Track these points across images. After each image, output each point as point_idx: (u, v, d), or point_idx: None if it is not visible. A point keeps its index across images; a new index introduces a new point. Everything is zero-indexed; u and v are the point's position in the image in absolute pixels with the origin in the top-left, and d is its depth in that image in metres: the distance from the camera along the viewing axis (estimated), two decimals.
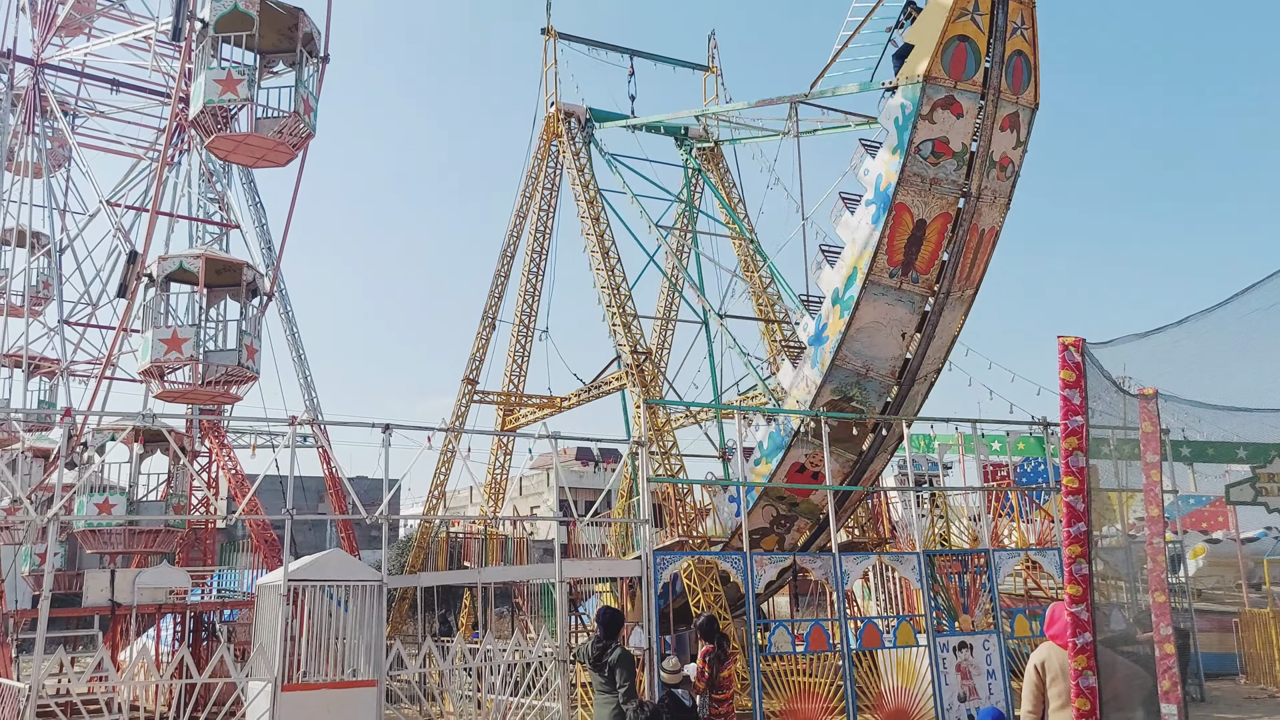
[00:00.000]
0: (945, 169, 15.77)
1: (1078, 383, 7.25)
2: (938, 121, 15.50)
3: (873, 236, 16.15)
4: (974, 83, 15.44)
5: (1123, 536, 10.20)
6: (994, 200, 16.24)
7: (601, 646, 9.82)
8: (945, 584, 16.31)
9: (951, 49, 15.26)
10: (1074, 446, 7.18)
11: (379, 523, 13.69)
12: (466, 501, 49.77)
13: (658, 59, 28.76)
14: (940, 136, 15.62)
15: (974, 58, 15.40)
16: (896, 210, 15.83)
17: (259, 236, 30.39)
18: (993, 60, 15.32)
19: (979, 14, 15.18)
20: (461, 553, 27.25)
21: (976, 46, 15.29)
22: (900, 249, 16.20)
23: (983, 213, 16.23)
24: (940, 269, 16.42)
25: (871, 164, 16.47)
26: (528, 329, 28.62)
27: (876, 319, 16.51)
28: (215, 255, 21.03)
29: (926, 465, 26.76)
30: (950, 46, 15.23)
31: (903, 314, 16.63)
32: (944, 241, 16.30)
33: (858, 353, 16.91)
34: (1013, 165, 16.41)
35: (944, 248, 16.36)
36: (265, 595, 13.05)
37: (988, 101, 15.54)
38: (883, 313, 16.52)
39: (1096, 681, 6.94)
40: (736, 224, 27.24)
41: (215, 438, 25.61)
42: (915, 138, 15.38)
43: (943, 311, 16.80)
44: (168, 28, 22.19)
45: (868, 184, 16.51)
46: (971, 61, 15.39)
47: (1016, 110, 15.96)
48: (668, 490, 21.88)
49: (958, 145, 15.70)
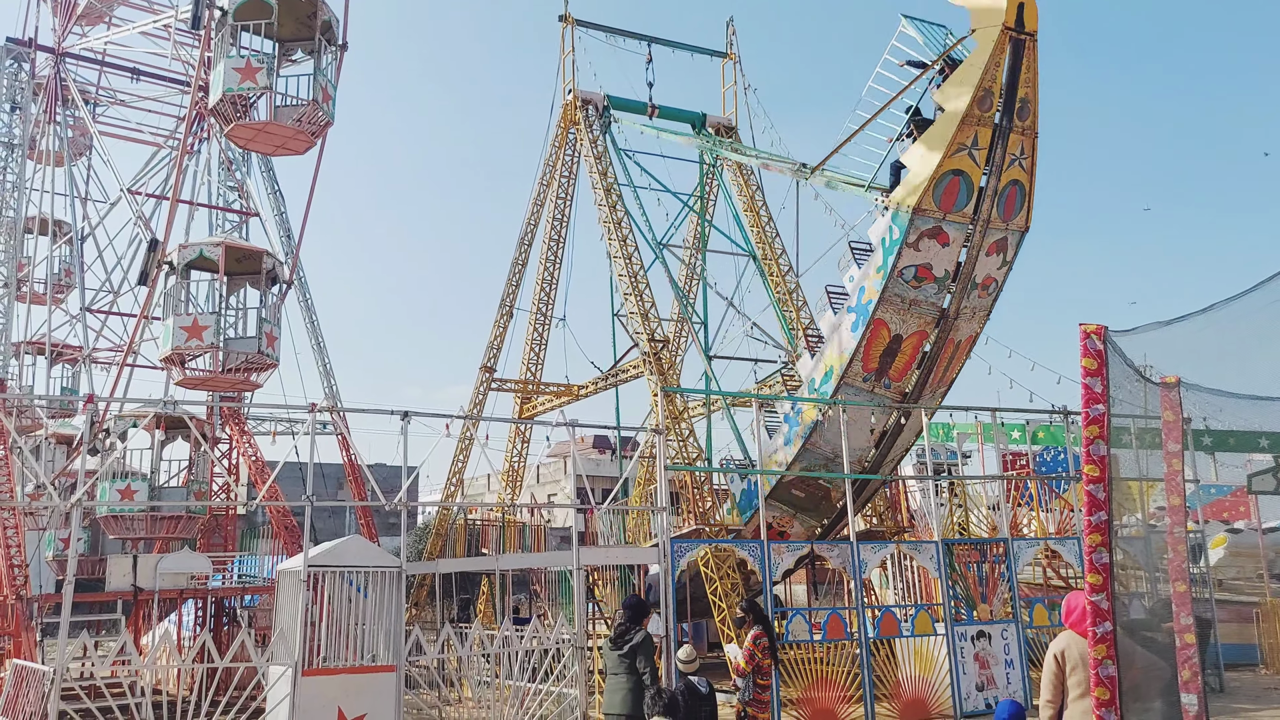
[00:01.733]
0: (926, 292, 16.04)
1: (1099, 371, 7.19)
2: (923, 250, 15.72)
3: (850, 344, 16.58)
4: (964, 214, 15.63)
5: (1143, 526, 10.15)
6: (973, 315, 16.57)
7: (624, 628, 9.92)
8: (964, 573, 16.27)
9: (945, 183, 15.34)
10: (1095, 435, 7.13)
11: (398, 510, 13.77)
12: (484, 489, 49.98)
13: (676, 45, 28.65)
14: (924, 263, 15.86)
15: (966, 191, 15.53)
16: (875, 324, 16.18)
17: (278, 224, 30.52)
18: (986, 193, 15.39)
19: (977, 149, 15.24)
20: (479, 540, 27.39)
21: (970, 181, 15.37)
22: (875, 358, 16.61)
23: (960, 327, 16.57)
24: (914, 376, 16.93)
25: (856, 274, 16.78)
26: (545, 317, 28.67)
27: (849, 416, 16.81)
28: (235, 243, 21.11)
29: (945, 454, 26.67)
30: (944, 180, 15.30)
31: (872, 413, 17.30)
32: (919, 354, 16.72)
33: (829, 440, 17.44)
34: (996, 283, 16.68)
35: (918, 360, 16.79)
36: (285, 581, 13.15)
37: (976, 231, 15.71)
38: (853, 411, 16.94)
39: (1116, 671, 6.90)
40: (746, 242, 27.10)
41: (236, 424, 25.75)
42: (899, 263, 15.58)
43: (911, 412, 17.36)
44: (187, 16, 22.24)
45: (851, 290, 16.81)
46: (963, 195, 15.54)
47: (1005, 235, 16.13)
48: (685, 478, 21.91)
49: (940, 271, 15.94)
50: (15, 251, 25.75)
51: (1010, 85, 15.04)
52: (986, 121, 15.19)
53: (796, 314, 25.89)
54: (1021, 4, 14.71)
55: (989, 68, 14.83)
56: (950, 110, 15.12)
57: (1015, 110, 15.24)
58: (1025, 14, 14.84)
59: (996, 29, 14.73)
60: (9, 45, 26.71)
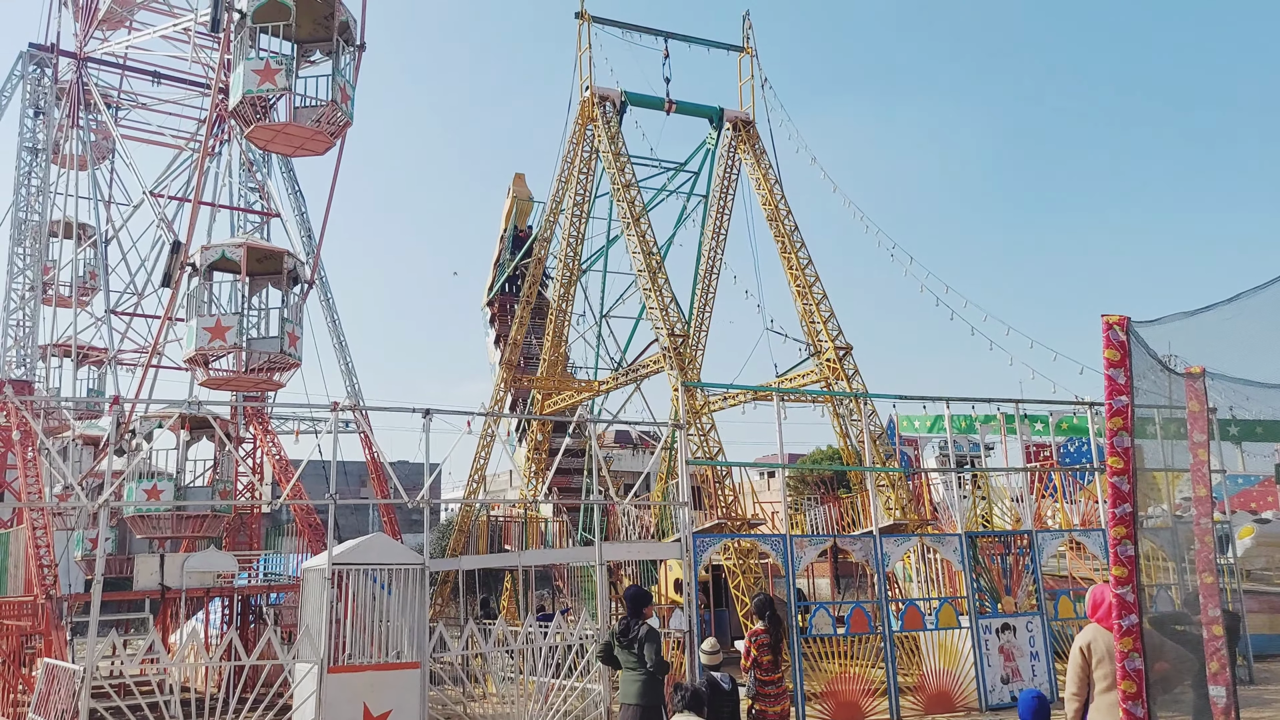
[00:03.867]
0: None
1: (1122, 362, 7.12)
2: None
3: None
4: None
5: (1169, 517, 10.06)
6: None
7: (627, 623, 9.96)
8: (987, 565, 16.17)
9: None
10: (1119, 427, 7.06)
11: (420, 507, 13.83)
12: (506, 485, 50.11)
13: (692, 40, 28.58)
14: None
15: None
16: None
17: (299, 224, 30.69)
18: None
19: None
20: (502, 536, 27.48)
21: None
22: None
23: None
24: None
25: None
26: (565, 313, 28.71)
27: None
28: (257, 244, 21.25)
29: (968, 446, 26.50)
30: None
31: None
32: None
33: None
34: None
35: None
36: (310, 579, 13.23)
37: None
38: None
39: (1143, 664, 6.85)
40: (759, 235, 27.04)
41: (259, 424, 25.94)
42: None
43: None
44: (206, 19, 22.34)
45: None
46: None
47: None
48: (706, 473, 21.90)
49: None
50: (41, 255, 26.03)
51: None
52: None
53: (816, 306, 25.80)
54: None
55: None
56: None
57: None
58: None
59: None
60: (31, 51, 26.98)
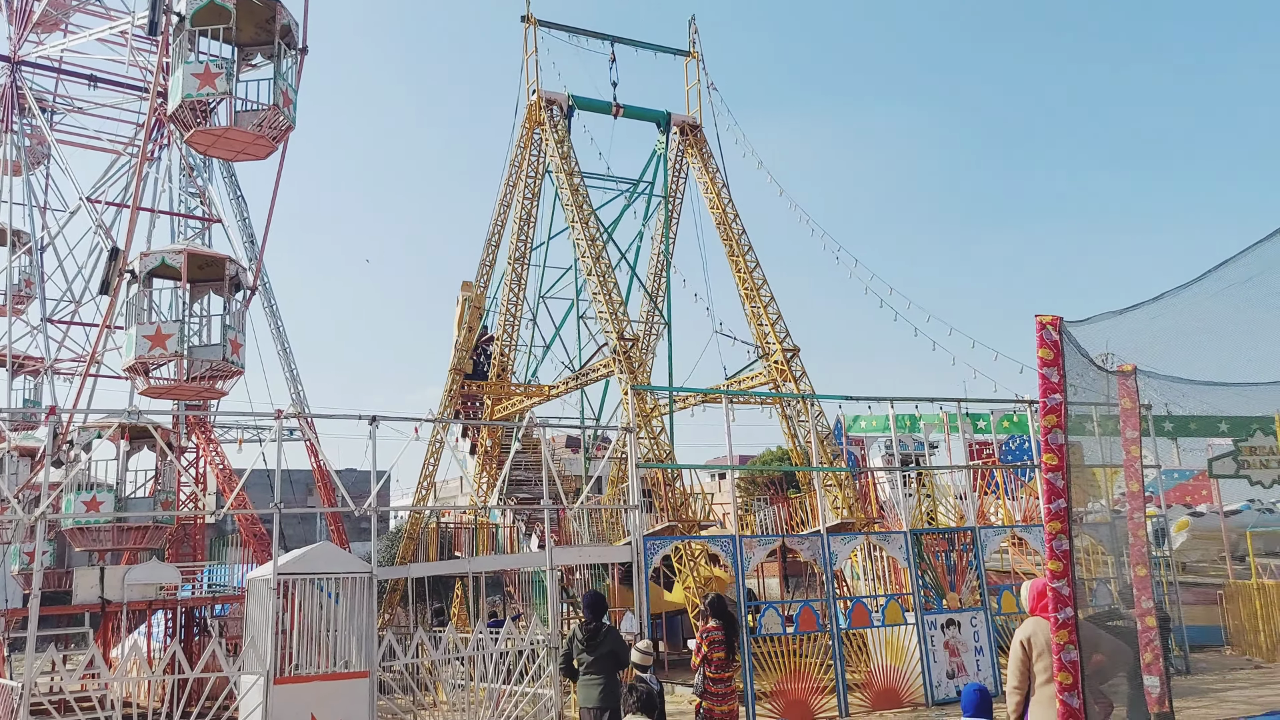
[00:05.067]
0: None
1: (1055, 361, 7.30)
2: None
3: None
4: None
5: (1107, 512, 10.30)
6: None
7: (593, 628, 10.01)
8: (932, 562, 16.43)
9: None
10: (1053, 424, 7.24)
11: (368, 515, 13.72)
12: (456, 491, 49.78)
13: (639, 45, 28.68)
14: None
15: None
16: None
17: (241, 230, 30.30)
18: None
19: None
20: (452, 543, 27.30)
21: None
22: None
23: None
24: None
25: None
26: (514, 317, 28.62)
27: None
28: (198, 250, 20.94)
29: (913, 445, 26.90)
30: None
31: None
32: None
33: None
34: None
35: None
36: (256, 589, 13.07)
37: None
38: None
39: (1079, 655, 7.02)
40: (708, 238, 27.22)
41: (202, 433, 25.53)
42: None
43: None
44: (144, 22, 21.99)
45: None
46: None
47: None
48: (657, 475, 21.97)
49: None
50: None
51: None
52: None
53: (764, 309, 26.01)
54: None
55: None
56: None
57: None
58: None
59: None
60: None
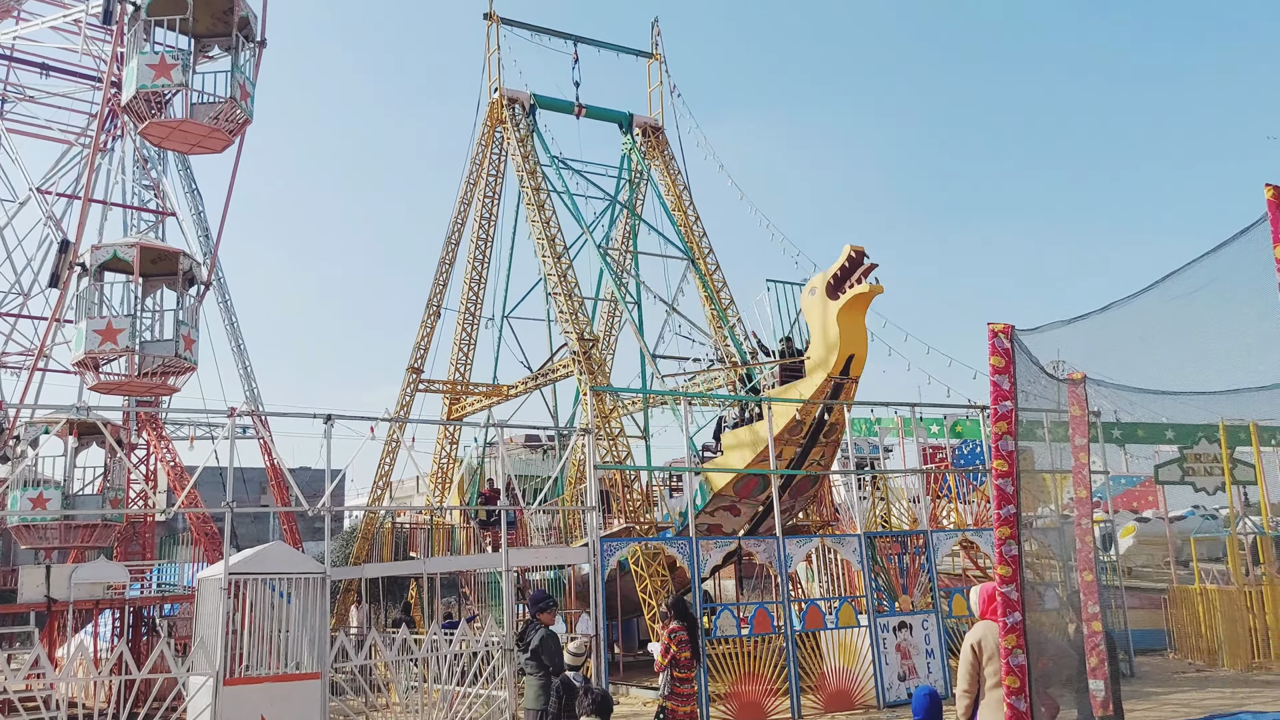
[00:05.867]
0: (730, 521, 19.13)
1: (1007, 369, 7.43)
2: (717, 516, 18.90)
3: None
4: (759, 499, 18.33)
5: (1056, 517, 10.45)
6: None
7: (523, 628, 10.09)
8: (885, 565, 16.61)
9: (745, 480, 18.15)
10: (1003, 431, 7.36)
11: (322, 515, 13.60)
12: (413, 491, 49.45)
13: (602, 45, 28.68)
14: (716, 524, 18.96)
15: (762, 486, 17.92)
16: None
17: (196, 224, 29.87)
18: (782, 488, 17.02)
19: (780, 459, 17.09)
20: (407, 543, 27.11)
21: (768, 481, 17.14)
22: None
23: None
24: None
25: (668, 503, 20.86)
26: (474, 317, 28.49)
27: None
28: (151, 244, 20.59)
29: (868, 448, 27.15)
30: (745, 479, 18.10)
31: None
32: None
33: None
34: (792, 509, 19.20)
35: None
36: (206, 589, 12.90)
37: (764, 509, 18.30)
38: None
39: (1026, 659, 7.14)
40: (671, 239, 27.31)
41: (153, 430, 25.13)
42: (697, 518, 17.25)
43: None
44: (99, 11, 21.62)
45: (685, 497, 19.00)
46: (760, 488, 18.08)
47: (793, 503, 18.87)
48: (615, 477, 21.99)
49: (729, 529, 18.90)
50: None
51: (822, 415, 17.21)
52: (795, 443, 17.42)
53: (724, 311, 26.14)
54: (852, 356, 16.65)
55: (808, 406, 17.02)
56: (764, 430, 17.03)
57: (823, 430, 17.40)
58: (853, 364, 16.79)
59: (824, 374, 16.80)
60: None
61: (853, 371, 16.84)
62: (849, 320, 16.57)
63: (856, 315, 16.67)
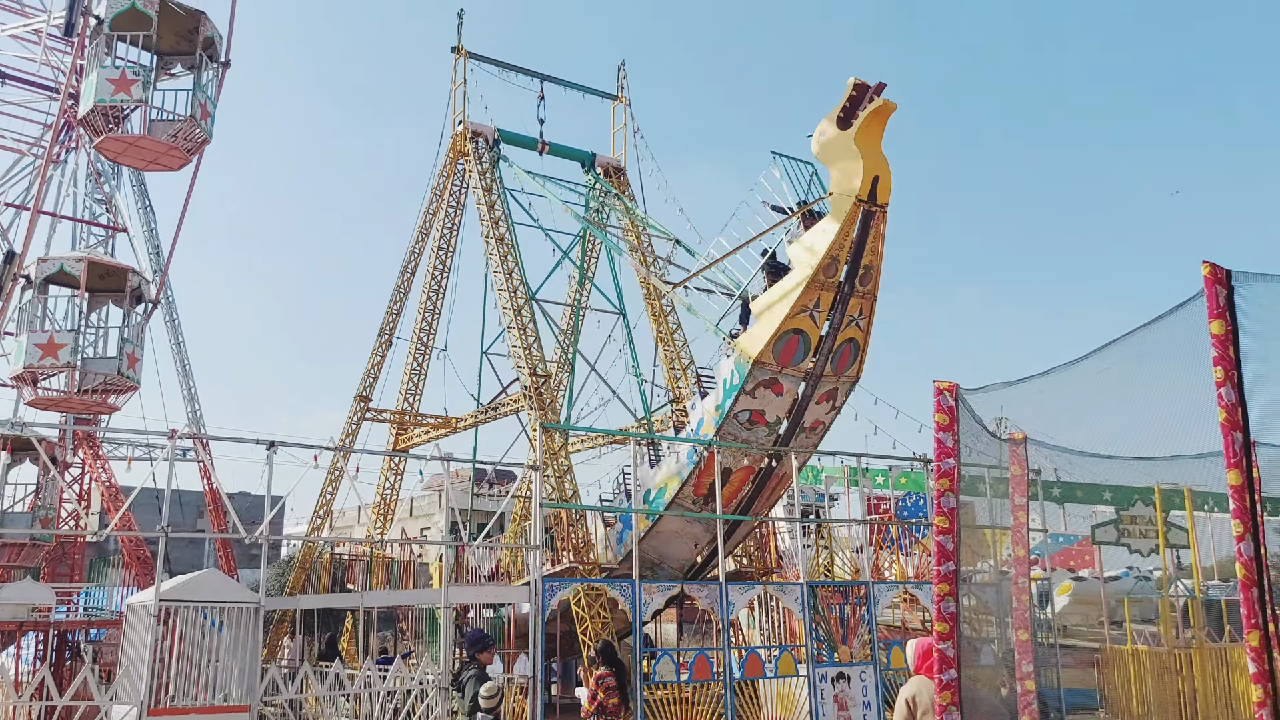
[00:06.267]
0: (757, 434, 17.18)
1: (950, 426, 7.55)
2: (759, 397, 16.78)
3: (685, 470, 17.78)
4: (800, 369, 16.67)
5: (995, 573, 10.57)
6: (800, 454, 17.56)
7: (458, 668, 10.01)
8: (826, 615, 16.64)
9: (785, 340, 16.34)
10: (945, 488, 7.47)
11: (259, 543, 13.36)
12: (354, 521, 48.72)
13: (568, 85, 28.94)
14: (758, 409, 16.94)
15: (804, 348, 16.56)
16: (709, 456, 17.03)
17: (148, 241, 29.43)
18: (821, 353, 16.39)
19: (818, 311, 16.21)
20: (346, 575, 26.66)
21: (809, 339, 16.34)
22: (705, 486, 17.56)
23: (787, 463, 17.49)
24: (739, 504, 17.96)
25: (699, 404, 17.99)
26: (426, 347, 28.32)
27: (675, 529, 18.42)
28: (99, 259, 20.28)
29: (814, 496, 27.31)
30: (784, 338, 16.29)
31: (699, 530, 18.51)
32: (745, 486, 17.83)
33: (655, 549, 18.74)
34: (823, 425, 17.84)
35: (744, 490, 17.88)
36: (135, 615, 12.59)
37: (808, 385, 16.85)
38: (681, 525, 18.44)
39: (959, 717, 7.19)
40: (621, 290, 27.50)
41: (90, 448, 24.55)
42: (735, 406, 16.51)
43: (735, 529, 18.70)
44: (60, 22, 21.42)
45: (692, 418, 17.96)
46: (801, 351, 16.55)
47: (836, 386, 17.27)
48: (560, 515, 21.86)
49: (772, 417, 17.08)
50: None
51: (856, 253, 15.91)
52: (830, 286, 16.12)
53: (677, 354, 26.27)
54: (877, 177, 15.42)
55: (839, 237, 15.65)
56: (797, 274, 15.97)
57: (858, 276, 16.19)
58: (879, 187, 15.56)
59: (850, 200, 15.42)
60: None
61: (880, 197, 15.55)
62: (867, 141, 15.35)
63: (874, 136, 15.46)
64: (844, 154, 15.50)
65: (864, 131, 15.25)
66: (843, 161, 15.56)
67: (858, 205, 15.42)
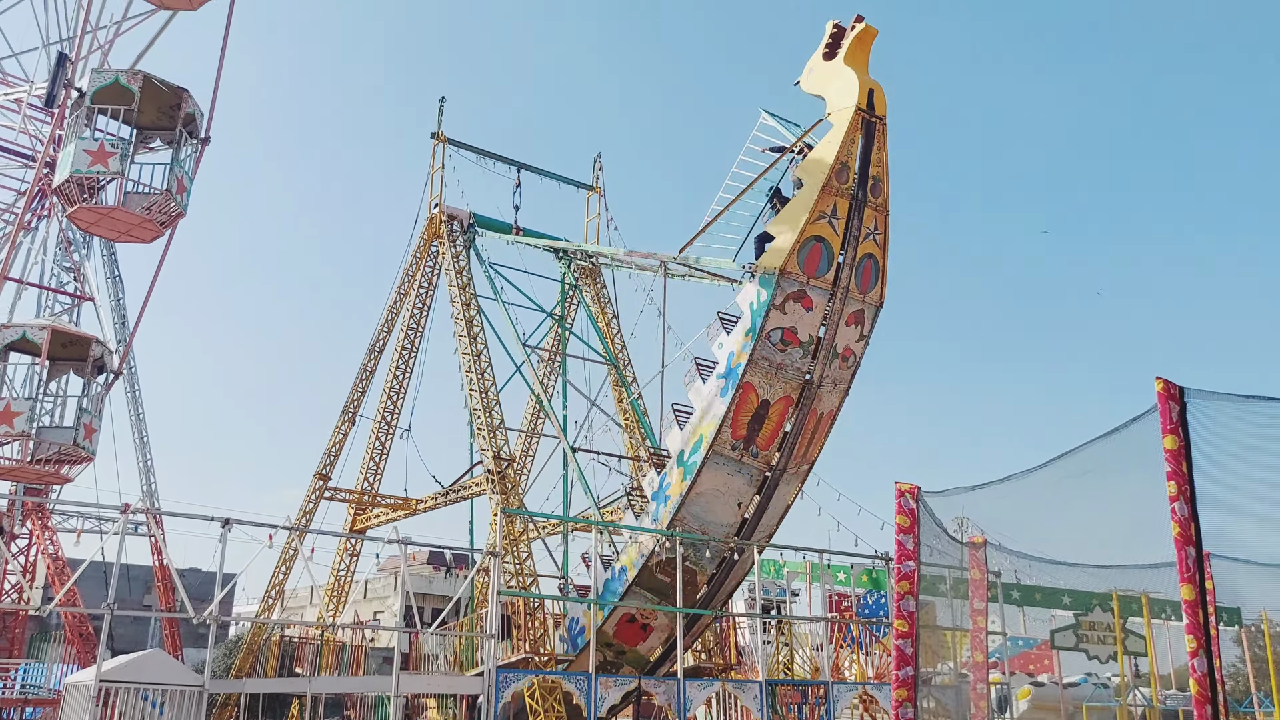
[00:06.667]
0: (791, 356, 16.97)
1: (911, 528, 7.61)
2: (789, 313, 16.76)
3: (720, 409, 17.15)
4: (825, 280, 16.80)
5: (955, 675, 10.53)
6: (834, 387, 17.58)
7: None
8: (785, 714, 16.40)
9: (808, 248, 16.56)
10: (905, 590, 7.50)
11: (208, 623, 13.04)
12: (306, 602, 47.59)
13: (544, 174, 29.42)
14: (790, 326, 16.88)
15: (827, 258, 16.78)
16: (743, 389, 16.89)
17: (114, 311, 29.22)
18: (845, 261, 16.69)
19: (836, 218, 16.57)
20: (294, 658, 25.94)
21: (830, 248, 16.67)
22: (744, 425, 17.26)
23: (823, 398, 17.51)
24: (779, 445, 17.47)
25: (725, 340, 17.59)
26: (389, 426, 28.10)
27: (716, 486, 17.52)
28: (63, 327, 20.11)
29: (775, 590, 27.11)
30: (807, 246, 16.53)
31: (740, 484, 17.73)
32: (785, 421, 17.43)
33: (696, 515, 17.83)
34: (854, 356, 17.82)
35: (784, 427, 17.47)
36: (73, 695, 12.20)
37: (836, 298, 16.91)
38: (722, 481, 17.54)
39: None
40: (606, 350, 27.69)
41: (39, 519, 23.97)
42: (767, 325, 16.52)
43: (778, 485, 17.87)
44: (42, 92, 21.60)
45: (720, 358, 17.59)
46: (825, 262, 16.76)
47: (862, 308, 17.42)
48: (518, 603, 21.52)
49: (805, 336, 16.98)
50: None
51: (864, 162, 16.54)
52: (844, 193, 16.53)
53: (643, 442, 26.26)
54: (872, 90, 16.42)
55: (845, 143, 16.31)
56: (810, 182, 16.45)
57: (869, 186, 16.69)
58: (875, 99, 16.50)
59: (850, 110, 16.24)
60: None
61: (878, 108, 16.51)
62: (856, 62, 16.49)
63: (861, 59, 16.61)
64: (836, 77, 16.53)
65: (851, 55, 16.39)
66: (836, 83, 16.52)
67: (858, 114, 16.21)
